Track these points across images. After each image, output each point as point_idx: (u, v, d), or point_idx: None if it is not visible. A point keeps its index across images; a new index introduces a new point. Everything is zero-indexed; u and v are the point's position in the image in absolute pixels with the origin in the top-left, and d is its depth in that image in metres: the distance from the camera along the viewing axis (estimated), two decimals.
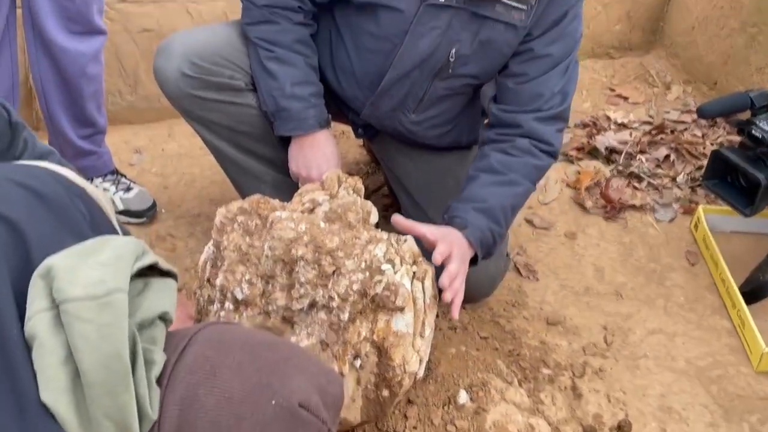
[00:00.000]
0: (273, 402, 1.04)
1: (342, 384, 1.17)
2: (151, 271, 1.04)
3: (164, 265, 1.04)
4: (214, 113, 2.08)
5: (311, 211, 1.71)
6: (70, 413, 0.96)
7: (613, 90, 3.31)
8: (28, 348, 0.96)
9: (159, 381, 1.03)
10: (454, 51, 1.95)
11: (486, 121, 2.13)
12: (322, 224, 1.62)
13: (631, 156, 2.91)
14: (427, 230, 1.76)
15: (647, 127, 3.06)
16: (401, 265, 1.60)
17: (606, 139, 2.96)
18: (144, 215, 2.48)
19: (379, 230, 1.69)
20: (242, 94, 2.07)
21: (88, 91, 2.32)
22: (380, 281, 1.55)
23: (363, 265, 1.55)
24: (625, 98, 3.27)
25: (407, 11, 1.91)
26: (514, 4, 1.91)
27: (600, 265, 2.51)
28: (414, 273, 1.63)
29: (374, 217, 1.74)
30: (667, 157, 2.91)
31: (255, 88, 2.06)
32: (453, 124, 2.18)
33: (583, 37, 2.77)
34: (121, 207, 2.46)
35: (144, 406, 1.00)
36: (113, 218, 1.15)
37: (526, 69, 1.99)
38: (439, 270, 1.75)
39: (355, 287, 1.53)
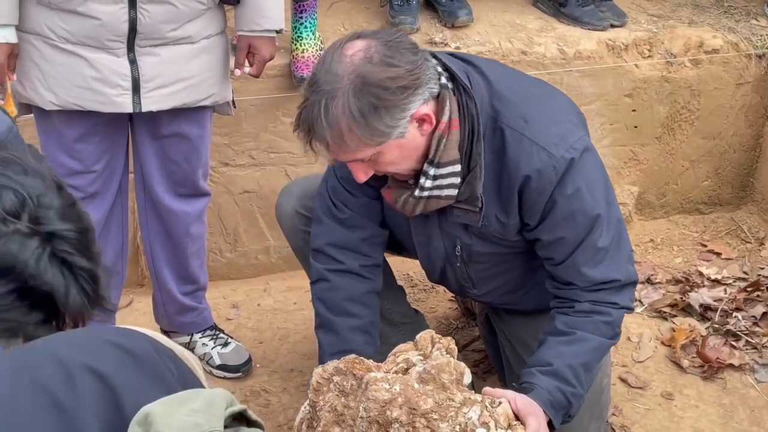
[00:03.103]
0: None
1: None
2: (239, 422, 1.07)
3: (253, 415, 1.07)
4: None
5: (405, 371, 1.73)
6: None
7: (704, 245, 3.28)
8: None
9: None
10: (459, 246, 2.00)
11: None
12: (416, 385, 1.63)
13: (726, 313, 2.86)
14: (512, 399, 1.72)
15: (742, 284, 3.01)
16: (496, 429, 1.59)
17: (700, 296, 2.92)
18: (240, 370, 2.54)
19: (473, 391, 1.69)
20: None
21: (191, 249, 2.45)
22: None
23: (458, 428, 1.55)
24: (718, 254, 3.23)
25: (403, 225, 2.03)
26: (465, 207, 1.89)
27: (699, 427, 2.43)
28: None
29: (467, 377, 1.74)
30: (764, 314, 2.84)
31: None
32: (527, 286, 2.12)
33: (672, 192, 2.75)
34: (218, 362, 2.54)
35: None
36: (203, 379, 1.20)
37: (549, 254, 1.94)
38: None
39: None
